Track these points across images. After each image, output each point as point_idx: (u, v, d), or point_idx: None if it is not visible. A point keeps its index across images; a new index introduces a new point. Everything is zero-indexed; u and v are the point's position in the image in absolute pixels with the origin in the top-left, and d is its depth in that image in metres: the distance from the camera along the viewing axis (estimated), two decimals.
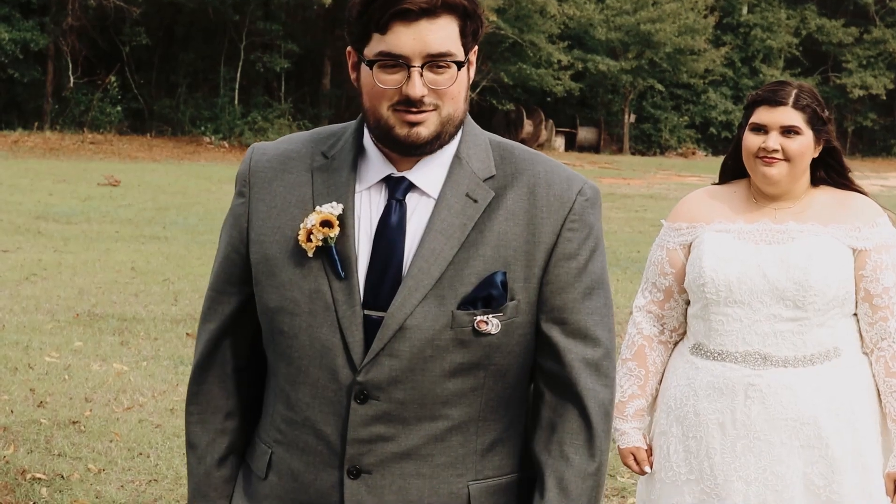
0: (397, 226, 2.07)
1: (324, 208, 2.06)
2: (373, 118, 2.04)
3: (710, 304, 3.23)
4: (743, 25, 48.09)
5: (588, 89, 44.54)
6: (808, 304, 3.14)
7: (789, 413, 3.16)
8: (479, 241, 2.05)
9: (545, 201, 2.10)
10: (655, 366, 3.42)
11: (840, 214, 3.24)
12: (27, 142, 31.06)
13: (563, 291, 2.09)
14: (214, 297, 2.23)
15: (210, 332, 2.24)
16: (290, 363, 2.10)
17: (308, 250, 2.06)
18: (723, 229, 3.28)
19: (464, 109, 2.09)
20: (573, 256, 2.10)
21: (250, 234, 2.14)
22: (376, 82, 2.00)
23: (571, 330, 2.10)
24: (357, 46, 2.04)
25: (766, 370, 3.18)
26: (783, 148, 3.19)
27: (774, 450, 3.18)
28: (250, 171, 2.17)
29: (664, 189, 27.89)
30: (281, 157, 2.16)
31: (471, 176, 2.09)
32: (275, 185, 2.13)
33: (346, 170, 2.10)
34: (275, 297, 2.10)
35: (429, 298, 2.03)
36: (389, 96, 2.01)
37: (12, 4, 33.25)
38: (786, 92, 3.23)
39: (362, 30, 2.00)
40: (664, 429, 3.36)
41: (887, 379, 3.18)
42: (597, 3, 43.57)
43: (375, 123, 2.04)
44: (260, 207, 2.14)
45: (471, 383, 2.07)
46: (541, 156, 2.15)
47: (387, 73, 2.00)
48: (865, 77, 47.28)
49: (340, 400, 2.07)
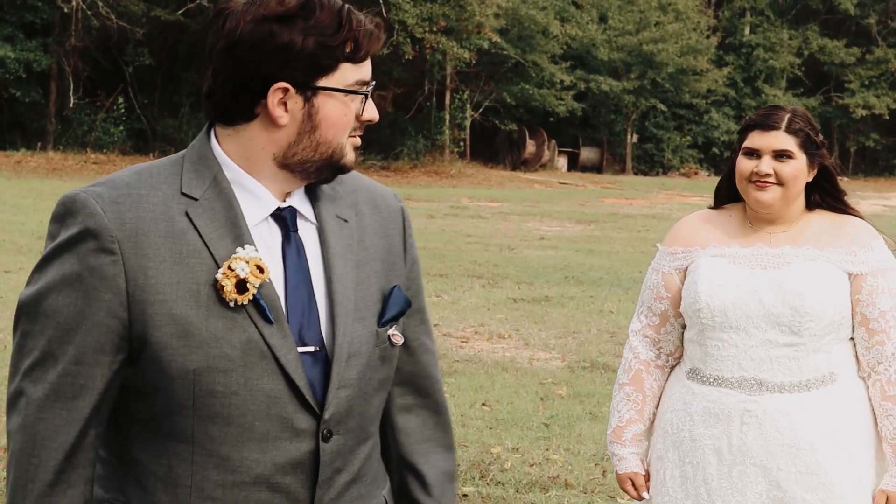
0: (301, 257, 2.03)
1: (247, 254, 1.95)
2: (325, 148, 1.99)
3: (705, 329, 3.22)
4: (745, 46, 48.17)
5: (591, 109, 44.59)
6: (804, 329, 3.13)
7: (786, 439, 3.15)
8: (366, 259, 2.10)
9: (387, 212, 2.18)
10: (653, 390, 3.41)
11: (835, 238, 3.23)
12: (30, 162, 31.10)
13: (419, 293, 2.23)
14: (77, 371, 1.92)
15: (78, 418, 1.93)
16: (229, 423, 1.95)
17: (241, 300, 1.93)
18: (718, 254, 3.27)
19: None
20: (416, 259, 2.24)
21: (134, 294, 1.91)
22: (348, 111, 2.00)
23: (427, 330, 2.25)
24: (309, 79, 1.94)
25: (761, 396, 3.17)
26: (776, 172, 3.18)
27: (771, 475, 3.16)
28: (112, 225, 1.92)
29: (667, 209, 27.87)
30: (136, 205, 1.94)
31: (328, 197, 2.10)
32: (151, 236, 1.93)
33: (231, 208, 1.98)
34: (197, 358, 1.92)
35: (357, 322, 2.05)
36: (352, 124, 2.01)
37: (15, 25, 33.33)
38: (779, 116, 3.22)
39: (328, 61, 1.94)
40: (661, 454, 3.34)
41: (883, 402, 3.17)
42: (599, 24, 43.68)
43: (325, 152, 2.00)
44: (144, 263, 1.92)
45: (384, 396, 2.16)
46: (353, 171, 2.15)
47: (359, 102, 2.01)
48: (868, 97, 47.32)
49: (300, 446, 1.99)
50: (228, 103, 1.98)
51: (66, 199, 1.95)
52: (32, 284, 1.96)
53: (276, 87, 1.93)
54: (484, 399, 8.05)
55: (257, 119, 1.97)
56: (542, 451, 6.77)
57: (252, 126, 1.98)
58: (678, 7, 42.98)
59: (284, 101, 1.95)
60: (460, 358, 9.45)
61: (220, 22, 1.94)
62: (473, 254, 17.12)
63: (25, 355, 1.96)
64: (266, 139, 1.98)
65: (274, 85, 1.93)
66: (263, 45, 1.90)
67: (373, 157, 38.24)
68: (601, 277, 14.61)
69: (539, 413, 7.69)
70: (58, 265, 1.93)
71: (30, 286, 1.97)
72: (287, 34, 1.90)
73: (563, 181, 38.45)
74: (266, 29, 1.90)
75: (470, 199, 29.59)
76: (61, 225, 1.95)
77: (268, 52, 1.91)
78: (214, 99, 1.99)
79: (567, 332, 10.77)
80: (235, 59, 1.92)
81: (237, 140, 2.00)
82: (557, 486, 6.11)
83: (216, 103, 1.99)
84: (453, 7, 35.11)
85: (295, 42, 1.90)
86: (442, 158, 39.26)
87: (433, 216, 24.24)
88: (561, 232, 21.83)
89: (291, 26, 1.91)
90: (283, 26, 1.90)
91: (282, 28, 1.90)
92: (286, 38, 1.90)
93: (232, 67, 1.93)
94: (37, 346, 1.94)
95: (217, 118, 2.02)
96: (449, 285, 13.68)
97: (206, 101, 2.00)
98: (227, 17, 1.93)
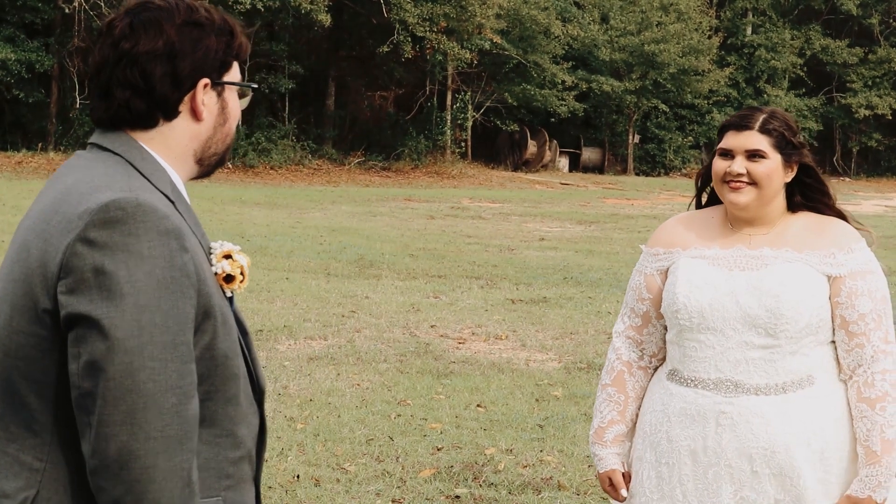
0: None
1: (227, 247, 2.15)
2: (229, 140, 2.18)
3: (683, 330, 3.21)
4: (747, 46, 48.13)
5: (592, 110, 44.57)
6: (780, 331, 3.11)
7: (760, 441, 3.13)
8: None
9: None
10: (635, 391, 3.40)
11: (815, 240, 3.21)
12: (31, 163, 31.10)
13: None
14: (186, 370, 1.98)
15: (195, 406, 2.00)
16: (237, 405, 2.14)
17: (239, 291, 2.15)
18: (698, 255, 3.27)
19: None
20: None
21: (201, 290, 2.04)
22: (238, 104, 2.21)
23: None
24: (217, 75, 2.14)
25: (737, 398, 3.15)
26: (749, 172, 3.17)
27: (745, 477, 3.15)
28: (180, 224, 2.04)
29: (668, 209, 27.84)
30: (166, 206, 2.05)
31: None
32: (188, 233, 2.05)
33: (189, 207, 2.16)
34: (228, 343, 2.10)
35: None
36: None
37: (17, 25, 33.34)
38: (753, 117, 3.22)
39: (230, 59, 2.15)
40: (639, 454, 3.34)
41: (858, 404, 3.15)
42: (601, 24, 43.67)
43: (229, 144, 2.19)
44: (198, 260, 2.06)
45: None
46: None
47: (238, 95, 2.21)
48: (871, 97, 47.27)
49: (256, 419, 2.22)
50: (153, 104, 2.09)
51: (120, 203, 1.93)
52: (118, 309, 1.91)
53: (202, 83, 2.12)
54: (479, 400, 8.04)
55: (180, 117, 2.12)
56: (536, 452, 6.76)
57: (176, 124, 2.12)
58: (680, 7, 42.94)
59: (203, 97, 2.13)
60: (456, 359, 9.43)
61: (131, 33, 2.06)
62: (473, 255, 17.11)
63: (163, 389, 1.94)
64: (190, 135, 2.13)
65: (201, 80, 2.11)
66: (191, 46, 2.09)
67: (374, 157, 38.24)
68: (600, 278, 14.59)
69: (534, 414, 7.67)
70: (145, 272, 1.93)
71: (115, 311, 1.91)
72: (205, 37, 2.11)
73: (564, 182, 38.44)
74: (190, 34, 2.10)
75: (471, 200, 29.58)
76: (125, 230, 1.93)
77: (194, 53, 2.10)
78: (130, 104, 2.09)
79: (564, 333, 10.76)
80: (167, 63, 2.07)
81: (163, 141, 2.11)
82: (550, 488, 6.10)
83: (133, 108, 2.09)
84: (454, 7, 35.10)
85: (211, 45, 2.11)
86: (443, 159, 39.25)
87: (433, 217, 24.23)
88: (561, 233, 21.82)
89: (207, 31, 2.12)
90: (201, 31, 2.11)
91: (201, 32, 2.11)
92: (206, 41, 2.11)
93: (164, 71, 2.07)
94: (169, 369, 1.95)
95: (133, 124, 2.11)
96: (447, 286, 13.67)
97: (114, 110, 2.08)
98: (143, 28, 2.06)
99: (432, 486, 6.08)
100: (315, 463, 6.42)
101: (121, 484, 1.91)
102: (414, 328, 10.78)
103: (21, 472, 2.01)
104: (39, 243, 1.97)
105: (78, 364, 1.91)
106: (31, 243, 1.99)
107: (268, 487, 5.97)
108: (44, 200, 2.06)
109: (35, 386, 1.99)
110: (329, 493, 5.91)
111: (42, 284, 1.95)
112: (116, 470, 1.90)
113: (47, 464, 2.00)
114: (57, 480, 2.00)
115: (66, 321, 1.93)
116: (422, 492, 5.99)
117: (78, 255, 1.91)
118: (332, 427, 7.15)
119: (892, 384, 3.14)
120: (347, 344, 9.87)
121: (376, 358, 9.36)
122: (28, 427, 2.01)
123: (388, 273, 14.70)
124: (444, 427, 7.25)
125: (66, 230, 1.95)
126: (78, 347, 1.91)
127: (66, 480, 2.00)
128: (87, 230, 1.92)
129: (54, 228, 1.97)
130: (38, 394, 1.99)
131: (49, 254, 1.95)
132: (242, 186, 31.40)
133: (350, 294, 12.66)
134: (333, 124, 39.81)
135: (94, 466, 1.92)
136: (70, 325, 1.92)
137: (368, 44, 38.72)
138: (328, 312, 11.39)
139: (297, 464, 6.38)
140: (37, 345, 1.98)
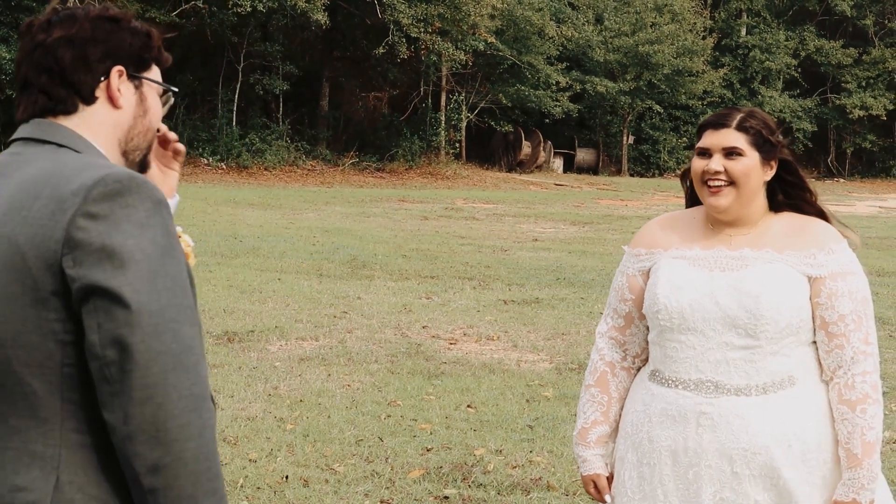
0: None
1: (177, 228, 2.20)
2: (151, 136, 2.25)
3: (664, 330, 3.20)
4: (742, 47, 48.19)
5: (586, 111, 44.62)
6: (760, 332, 3.10)
7: (741, 442, 3.12)
8: None
9: None
10: (618, 392, 3.39)
11: (796, 241, 3.19)
12: None
13: None
14: (196, 332, 2.01)
15: (206, 367, 2.04)
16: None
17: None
18: (679, 256, 3.26)
19: None
20: None
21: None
22: (160, 107, 2.29)
23: None
24: (133, 68, 2.21)
25: (717, 398, 3.14)
26: (726, 170, 3.17)
27: (726, 478, 3.14)
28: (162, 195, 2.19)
29: (662, 211, 27.85)
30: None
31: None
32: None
33: None
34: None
35: None
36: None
37: (11, 26, 33.32)
38: (731, 116, 3.21)
39: (147, 59, 2.24)
40: (622, 455, 3.34)
41: (839, 406, 3.14)
42: (595, 25, 43.70)
43: (151, 141, 2.26)
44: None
45: None
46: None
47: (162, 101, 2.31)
48: (865, 98, 47.36)
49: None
50: (68, 86, 2.14)
51: (119, 177, 1.98)
52: (135, 276, 1.93)
53: (116, 69, 2.18)
54: (469, 401, 8.03)
55: (98, 102, 2.17)
56: (526, 453, 6.75)
57: (95, 109, 2.16)
58: (674, 8, 43.00)
59: (119, 85, 2.18)
60: (448, 360, 9.43)
61: (48, 26, 2.16)
62: (466, 255, 17.10)
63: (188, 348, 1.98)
64: (111, 122, 2.17)
65: (115, 67, 2.17)
66: (103, 35, 2.17)
67: (368, 158, 38.24)
68: (593, 279, 14.59)
69: (524, 415, 7.66)
70: (150, 240, 1.97)
71: (133, 278, 1.93)
72: (119, 31, 2.19)
73: (558, 183, 38.47)
74: (103, 25, 2.18)
75: (464, 201, 29.59)
76: (123, 202, 1.96)
77: (107, 42, 2.17)
78: (47, 88, 2.14)
79: (556, 333, 10.75)
80: (79, 47, 2.14)
81: (87, 127, 2.15)
82: (539, 489, 6.09)
83: (51, 93, 2.14)
84: (448, 7, 35.10)
85: (125, 37, 2.19)
86: (437, 160, 39.27)
87: (427, 217, 24.23)
88: (555, 233, 21.82)
89: (122, 26, 2.20)
90: (115, 25, 2.19)
91: (114, 26, 2.19)
92: (119, 34, 2.19)
93: (75, 54, 2.14)
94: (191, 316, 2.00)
95: (54, 110, 2.15)
96: (439, 287, 13.66)
97: (35, 97, 2.15)
98: (59, 22, 2.16)
99: (421, 486, 6.07)
100: (304, 464, 6.41)
101: (159, 446, 1.91)
102: (406, 329, 10.77)
103: (33, 463, 1.98)
104: (24, 229, 1.96)
105: (99, 335, 1.91)
106: (10, 232, 1.98)
107: (256, 488, 5.96)
108: (2, 195, 2.05)
109: (38, 370, 1.97)
110: (318, 494, 5.90)
111: (41, 267, 1.94)
112: (153, 432, 1.90)
113: (61, 448, 1.97)
114: (75, 462, 1.98)
115: (80, 294, 1.92)
116: (411, 492, 5.98)
117: (82, 229, 1.93)
118: (321, 428, 7.14)
119: (872, 386, 3.12)
120: (339, 345, 9.86)
121: (367, 359, 9.35)
122: (33, 415, 1.98)
123: (381, 274, 14.69)
124: (433, 428, 7.24)
125: (58, 210, 1.95)
126: (96, 318, 1.91)
127: (84, 460, 1.98)
128: (86, 205, 1.94)
129: (39, 212, 1.96)
130: (43, 378, 1.97)
131: (42, 235, 1.95)
132: (236, 187, 31.37)
133: (342, 295, 12.65)
134: (327, 125, 39.80)
135: (127, 433, 1.91)
136: (84, 297, 1.92)
137: (363, 44, 38.75)
138: (320, 313, 11.38)
139: (286, 464, 6.37)
140: (37, 328, 1.96)
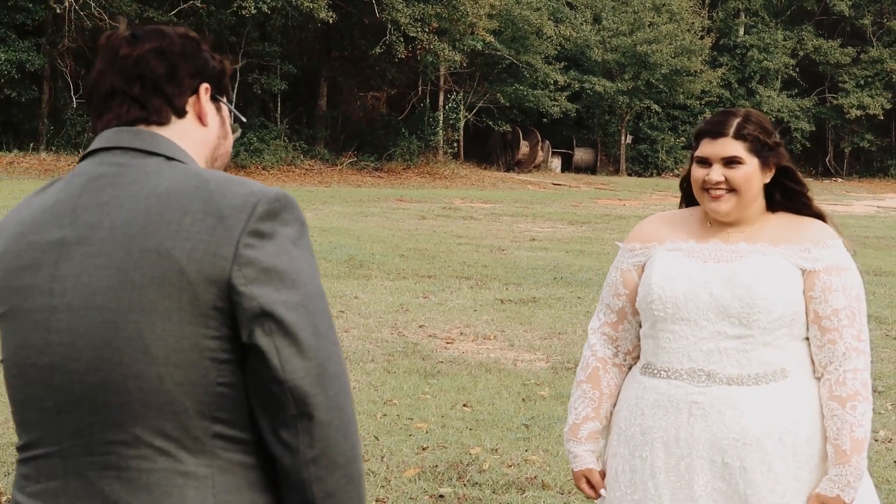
0: None
1: None
2: (228, 160, 2.26)
3: (657, 321, 3.21)
4: (740, 46, 48.20)
5: (585, 110, 44.62)
6: (753, 321, 3.11)
7: (732, 432, 3.12)
8: None
9: None
10: (610, 388, 3.39)
11: (792, 236, 3.21)
12: (22, 163, 31.05)
13: None
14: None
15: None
16: None
17: None
18: (674, 248, 3.27)
19: None
20: None
21: None
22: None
23: None
24: (216, 89, 2.20)
25: (710, 388, 3.15)
26: (727, 178, 3.17)
27: (717, 469, 3.14)
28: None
29: (659, 210, 27.74)
30: None
31: None
32: None
33: None
34: None
35: None
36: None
37: (8, 26, 33.28)
38: (727, 123, 3.19)
39: (222, 81, 2.22)
40: (615, 450, 3.33)
41: (829, 402, 3.14)
42: (593, 25, 43.71)
43: (222, 165, 2.22)
44: None
45: None
46: None
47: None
48: (863, 97, 47.37)
49: None
50: (161, 98, 2.11)
51: (277, 195, 1.97)
52: (307, 297, 1.92)
53: (204, 86, 2.16)
54: (465, 400, 8.02)
55: (188, 117, 2.14)
56: (521, 452, 6.75)
57: (186, 124, 2.14)
58: (672, 8, 43.00)
59: (205, 103, 2.16)
60: (444, 359, 9.42)
61: (133, 40, 2.13)
62: (463, 255, 17.10)
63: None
64: (201, 139, 2.16)
65: (202, 84, 2.16)
66: (192, 52, 2.16)
67: (366, 158, 38.23)
68: (590, 278, 14.59)
69: (520, 414, 7.66)
70: (306, 260, 1.97)
71: (307, 299, 1.92)
72: (202, 51, 2.19)
73: (556, 182, 38.46)
74: (190, 43, 2.17)
75: (462, 201, 29.58)
76: (282, 220, 1.96)
77: (195, 59, 2.16)
78: (142, 99, 2.10)
79: (553, 333, 10.75)
80: (171, 60, 2.12)
81: (181, 137, 2.12)
82: (534, 487, 6.09)
83: (146, 103, 2.10)
84: (446, 7, 35.10)
85: (209, 58, 2.19)
86: (435, 159, 39.27)
87: (425, 217, 24.23)
88: (552, 233, 21.82)
89: (202, 48, 2.20)
90: (198, 45, 2.19)
91: (198, 46, 2.19)
92: (203, 54, 2.19)
93: (167, 66, 2.12)
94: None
95: (147, 119, 2.11)
96: (436, 286, 13.66)
97: (124, 105, 2.09)
98: (147, 35, 2.14)
99: (416, 485, 6.06)
100: None
101: (338, 469, 1.91)
102: (402, 328, 10.77)
103: (186, 484, 1.90)
104: (179, 243, 1.89)
105: (279, 357, 1.87)
106: (159, 245, 1.90)
107: None
108: (133, 208, 1.96)
109: (192, 389, 1.89)
110: None
111: (202, 282, 1.88)
112: (334, 455, 1.90)
113: (214, 469, 1.92)
114: (227, 483, 1.92)
115: (255, 313, 1.87)
116: (406, 491, 5.97)
117: (251, 247, 1.89)
118: None
119: (862, 383, 3.13)
120: None
121: (364, 358, 9.35)
122: (185, 435, 1.91)
123: (378, 273, 14.69)
124: (429, 427, 7.24)
125: (219, 225, 1.89)
126: (274, 341, 1.86)
127: (236, 480, 1.93)
128: (255, 222, 1.90)
129: (197, 227, 1.90)
130: (196, 398, 1.90)
131: (204, 251, 1.88)
132: None
133: (339, 294, 12.65)
134: (325, 124, 39.79)
135: (312, 457, 1.88)
136: (259, 318, 1.88)
137: (361, 44, 38.73)
138: None
139: None
140: (194, 346, 1.89)
